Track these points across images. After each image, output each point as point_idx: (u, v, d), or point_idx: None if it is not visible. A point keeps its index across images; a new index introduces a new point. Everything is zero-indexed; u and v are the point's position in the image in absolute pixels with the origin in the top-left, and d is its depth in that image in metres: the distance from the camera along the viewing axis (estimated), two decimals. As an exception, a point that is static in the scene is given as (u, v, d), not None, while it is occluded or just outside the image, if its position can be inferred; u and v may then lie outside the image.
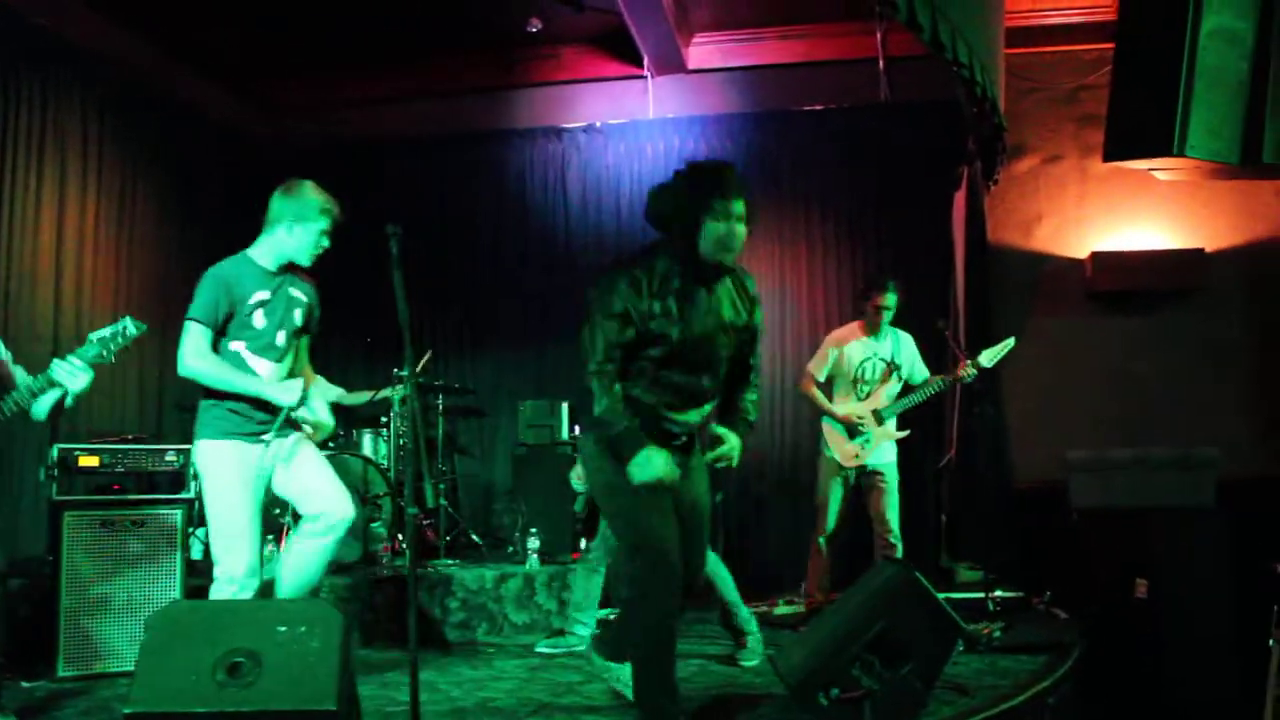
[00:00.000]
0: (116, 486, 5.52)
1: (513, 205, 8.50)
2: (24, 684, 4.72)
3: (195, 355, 4.01)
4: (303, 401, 4.15)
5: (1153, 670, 5.41)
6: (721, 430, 3.79)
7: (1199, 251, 7.52)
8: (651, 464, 3.49)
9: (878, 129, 7.88)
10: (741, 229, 3.56)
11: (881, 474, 5.97)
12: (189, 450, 5.43)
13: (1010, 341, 5.82)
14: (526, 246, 8.38)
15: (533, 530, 6.37)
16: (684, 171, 3.65)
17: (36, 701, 4.47)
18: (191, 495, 5.43)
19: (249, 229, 8.58)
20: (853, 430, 5.93)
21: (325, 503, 4.17)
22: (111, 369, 6.92)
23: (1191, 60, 4.50)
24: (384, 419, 7.02)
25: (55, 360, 3.86)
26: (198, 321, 4.02)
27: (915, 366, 6.11)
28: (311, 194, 4.19)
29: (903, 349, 6.07)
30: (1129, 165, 7.07)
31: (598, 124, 8.39)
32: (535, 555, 6.30)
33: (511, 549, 6.97)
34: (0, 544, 4.09)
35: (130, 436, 6.01)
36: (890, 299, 5.88)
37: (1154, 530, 5.66)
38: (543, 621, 6.05)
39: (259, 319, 4.12)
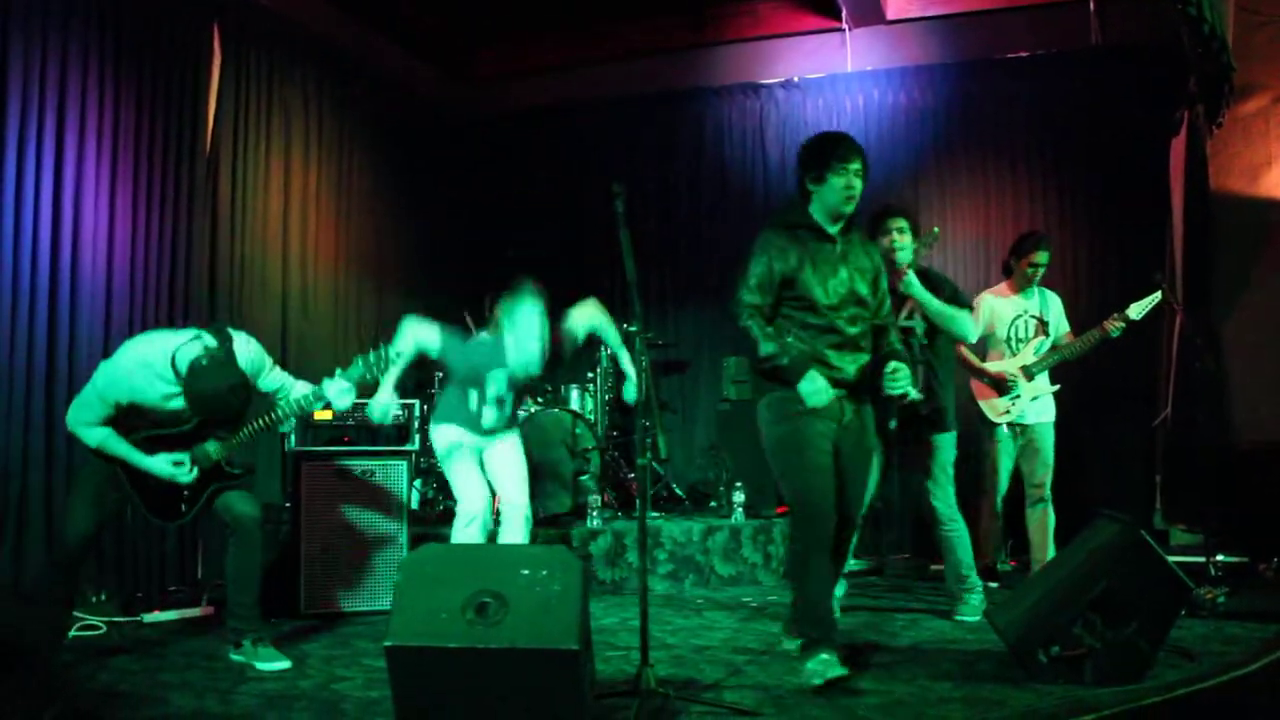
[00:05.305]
0: (347, 439, 5.86)
1: (711, 162, 8.52)
2: (271, 620, 5.11)
3: None
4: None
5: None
6: None
7: None
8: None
9: (1087, 74, 7.53)
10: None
11: (1035, 431, 5.90)
12: (413, 405, 5.78)
13: (1158, 294, 5.60)
14: (726, 203, 8.37)
15: (738, 485, 6.45)
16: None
17: (284, 635, 4.85)
18: (415, 448, 5.75)
19: (451, 196, 8.90)
20: (1002, 387, 5.85)
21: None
22: (333, 328, 7.37)
23: None
24: (590, 375, 7.19)
25: (325, 380, 4.44)
26: None
27: (1060, 325, 6.05)
28: None
29: (1050, 307, 6.04)
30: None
31: (795, 79, 8.29)
32: (741, 509, 6.40)
33: (715, 503, 7.09)
34: (256, 493, 4.43)
35: (352, 391, 6.29)
36: (1045, 257, 5.92)
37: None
38: (748, 575, 6.14)
39: None
